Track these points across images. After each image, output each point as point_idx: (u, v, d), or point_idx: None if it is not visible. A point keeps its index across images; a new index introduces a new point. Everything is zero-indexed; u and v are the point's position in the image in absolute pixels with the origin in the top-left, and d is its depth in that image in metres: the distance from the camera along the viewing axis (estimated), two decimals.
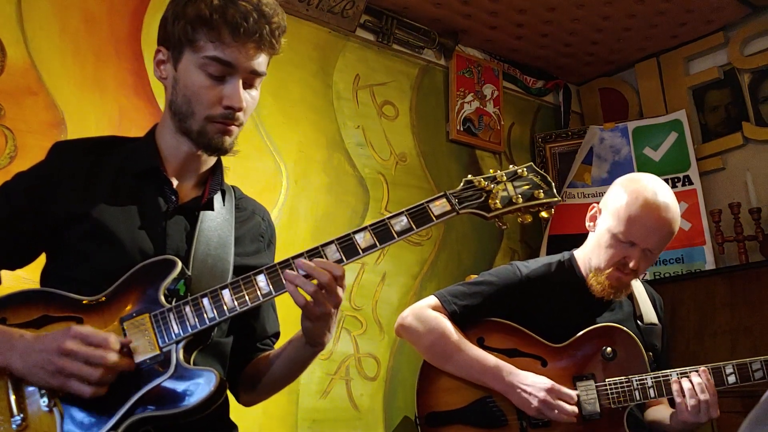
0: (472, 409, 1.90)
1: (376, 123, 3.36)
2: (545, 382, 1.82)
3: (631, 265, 1.89)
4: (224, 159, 1.51)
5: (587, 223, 2.05)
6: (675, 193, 3.56)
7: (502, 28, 3.65)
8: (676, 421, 1.86)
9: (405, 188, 3.36)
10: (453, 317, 1.95)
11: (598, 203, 2.04)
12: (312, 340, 1.39)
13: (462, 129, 3.68)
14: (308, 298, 1.29)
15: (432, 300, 2.00)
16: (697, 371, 1.84)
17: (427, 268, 3.36)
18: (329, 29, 3.24)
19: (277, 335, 1.62)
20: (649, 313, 2.08)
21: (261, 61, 1.37)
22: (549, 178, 1.46)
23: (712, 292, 3.13)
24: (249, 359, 1.55)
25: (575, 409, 1.82)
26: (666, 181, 3.59)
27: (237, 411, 1.51)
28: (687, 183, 3.63)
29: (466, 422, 1.89)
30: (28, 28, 2.41)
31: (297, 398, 2.79)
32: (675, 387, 1.82)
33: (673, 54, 3.90)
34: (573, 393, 1.83)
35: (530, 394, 1.81)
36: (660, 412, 2.02)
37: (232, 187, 1.57)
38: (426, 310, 1.97)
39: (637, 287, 2.12)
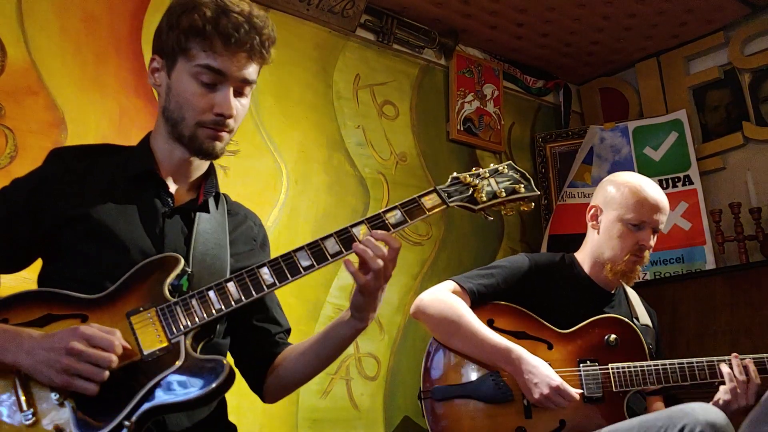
0: (478, 383, 1.96)
1: (377, 123, 3.36)
2: (553, 378, 1.87)
3: (645, 245, 2.08)
4: (224, 159, 1.54)
5: (589, 223, 2.20)
6: (675, 193, 3.66)
7: (503, 28, 3.64)
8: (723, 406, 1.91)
9: (405, 188, 3.36)
10: (471, 296, 2.03)
11: (595, 206, 2.19)
12: (360, 314, 1.44)
13: (462, 129, 3.67)
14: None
15: (449, 284, 2.07)
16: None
17: (427, 267, 3.36)
18: (329, 29, 3.24)
19: (288, 331, 1.65)
20: (643, 315, 2.22)
21: (251, 71, 1.43)
22: (527, 175, 1.56)
23: (712, 292, 3.12)
24: (273, 354, 1.59)
25: (575, 399, 1.89)
26: (666, 181, 3.67)
27: (237, 411, 1.51)
28: (687, 183, 3.63)
29: (471, 396, 1.94)
30: (28, 28, 2.41)
31: (297, 398, 2.79)
32: (725, 370, 1.93)
33: (673, 54, 3.89)
34: (576, 394, 1.88)
35: (536, 384, 1.86)
36: None
37: (223, 194, 1.62)
38: (443, 292, 2.04)
39: (632, 294, 2.27)
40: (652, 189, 2.12)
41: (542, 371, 1.87)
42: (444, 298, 2.01)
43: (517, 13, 3.49)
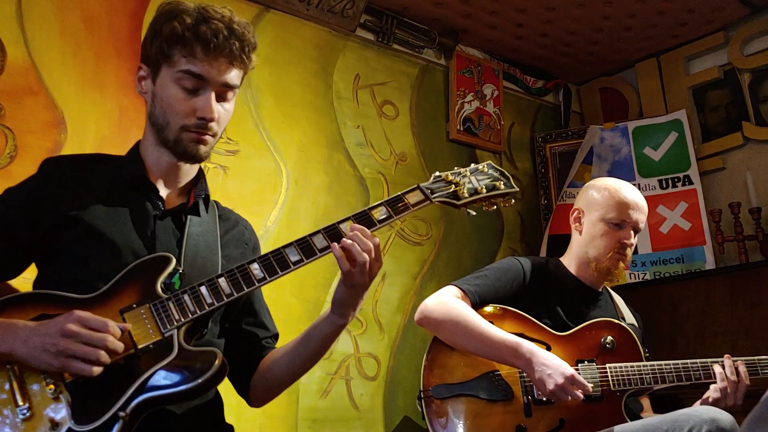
0: (478, 382, 1.98)
1: (376, 123, 3.36)
2: (567, 368, 1.88)
3: (627, 243, 2.19)
4: (224, 159, 1.54)
5: (573, 225, 2.31)
6: (675, 193, 3.67)
7: (502, 28, 3.64)
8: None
9: (405, 188, 3.32)
10: (471, 297, 2.08)
11: (578, 209, 2.30)
12: (340, 310, 1.46)
13: (462, 129, 3.67)
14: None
15: (450, 288, 2.11)
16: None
17: (427, 267, 3.36)
18: (329, 29, 3.24)
19: (276, 336, 1.68)
20: (628, 315, 2.30)
21: (233, 75, 1.47)
22: (507, 173, 1.61)
23: (712, 292, 3.12)
24: (259, 358, 1.61)
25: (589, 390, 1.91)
26: (666, 181, 3.67)
27: (237, 411, 1.51)
28: (687, 183, 3.63)
29: (471, 394, 1.96)
30: (28, 27, 2.41)
31: (297, 398, 2.79)
32: (717, 370, 1.99)
33: (673, 54, 3.89)
34: (590, 386, 1.89)
35: (550, 375, 1.87)
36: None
37: (214, 200, 1.65)
38: (446, 296, 2.07)
39: (616, 296, 2.36)
40: (631, 191, 2.24)
41: (555, 363, 1.89)
42: (447, 301, 2.04)
43: (517, 13, 3.50)
